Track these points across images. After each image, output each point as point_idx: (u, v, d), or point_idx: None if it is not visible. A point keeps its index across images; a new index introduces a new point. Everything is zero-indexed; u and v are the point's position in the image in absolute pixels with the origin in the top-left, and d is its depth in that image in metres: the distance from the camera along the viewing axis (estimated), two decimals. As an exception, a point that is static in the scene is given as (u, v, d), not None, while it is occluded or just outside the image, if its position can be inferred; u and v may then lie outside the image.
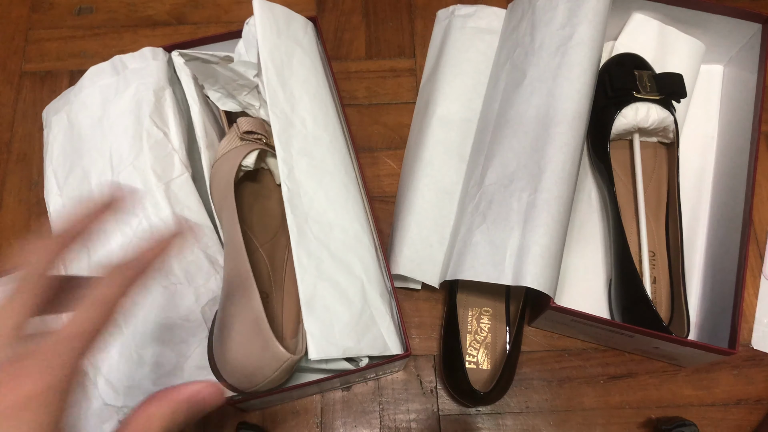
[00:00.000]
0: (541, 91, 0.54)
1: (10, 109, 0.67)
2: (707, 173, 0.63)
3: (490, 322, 0.56)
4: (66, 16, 0.72)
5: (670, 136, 0.59)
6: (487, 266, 0.50)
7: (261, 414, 0.55)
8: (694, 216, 0.61)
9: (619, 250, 0.56)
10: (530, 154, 0.52)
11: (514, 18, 0.62)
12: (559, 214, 0.49)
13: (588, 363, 0.57)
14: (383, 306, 0.49)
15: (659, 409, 0.55)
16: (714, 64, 0.66)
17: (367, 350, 0.47)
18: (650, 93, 0.57)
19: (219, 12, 0.72)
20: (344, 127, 0.56)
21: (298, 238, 0.48)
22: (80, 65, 0.69)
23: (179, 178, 0.52)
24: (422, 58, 0.69)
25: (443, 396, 0.56)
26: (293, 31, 0.55)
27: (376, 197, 0.63)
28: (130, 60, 0.56)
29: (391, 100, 0.68)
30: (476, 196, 0.54)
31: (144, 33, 0.71)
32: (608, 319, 0.51)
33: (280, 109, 0.51)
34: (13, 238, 0.61)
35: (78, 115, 0.54)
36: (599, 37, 0.54)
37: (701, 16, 0.60)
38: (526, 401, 0.56)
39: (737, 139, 0.59)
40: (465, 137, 0.60)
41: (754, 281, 0.60)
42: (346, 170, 0.53)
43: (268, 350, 0.43)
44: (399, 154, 0.65)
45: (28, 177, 0.64)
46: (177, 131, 0.54)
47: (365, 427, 0.55)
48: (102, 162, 0.52)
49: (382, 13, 0.72)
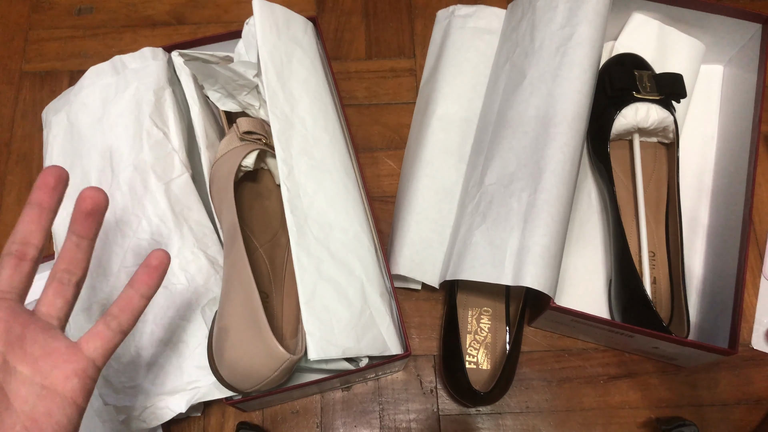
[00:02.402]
0: (541, 91, 0.54)
1: (10, 109, 0.67)
2: (707, 173, 0.63)
3: (490, 322, 0.56)
4: (66, 16, 0.72)
5: (670, 136, 0.59)
6: (487, 266, 0.50)
7: (261, 414, 0.55)
8: (694, 216, 0.61)
9: (619, 250, 0.56)
10: (530, 154, 0.52)
11: (514, 18, 0.62)
12: (559, 214, 0.49)
13: (588, 363, 0.57)
14: (383, 306, 0.49)
15: (659, 409, 0.55)
16: (714, 64, 0.66)
17: (367, 350, 0.47)
18: (650, 93, 0.57)
19: (219, 12, 0.72)
20: (344, 127, 0.56)
21: (298, 238, 0.48)
22: (80, 65, 0.69)
23: (179, 178, 0.52)
24: (422, 58, 0.69)
25: (443, 396, 0.56)
26: (293, 32, 0.55)
27: (376, 197, 0.63)
28: (130, 60, 0.56)
29: (391, 100, 0.68)
30: (476, 196, 0.54)
31: (144, 33, 0.71)
32: (608, 319, 0.51)
33: (280, 110, 0.51)
34: (13, 238, 0.61)
35: (78, 115, 0.54)
36: (599, 37, 0.54)
37: (701, 16, 0.60)
38: (526, 401, 0.56)
39: (737, 139, 0.59)
40: (465, 137, 0.60)
41: (754, 281, 0.60)
42: (346, 170, 0.53)
43: (268, 350, 0.43)
44: (399, 154, 0.65)
45: (28, 177, 0.64)
46: (177, 131, 0.54)
47: (365, 427, 0.55)
48: (102, 162, 0.52)
49: (382, 13, 0.72)
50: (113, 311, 0.34)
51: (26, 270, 0.33)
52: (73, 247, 0.34)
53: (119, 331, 0.34)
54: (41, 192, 0.33)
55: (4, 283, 0.32)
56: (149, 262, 0.35)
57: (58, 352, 0.32)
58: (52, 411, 0.30)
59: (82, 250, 0.34)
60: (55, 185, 0.33)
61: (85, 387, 0.32)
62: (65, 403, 0.31)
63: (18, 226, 0.33)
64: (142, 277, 0.35)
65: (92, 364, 0.33)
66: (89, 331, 0.34)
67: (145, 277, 0.35)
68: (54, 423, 0.30)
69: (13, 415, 0.30)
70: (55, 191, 0.33)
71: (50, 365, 0.31)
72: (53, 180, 0.33)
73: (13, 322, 0.31)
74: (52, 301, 0.33)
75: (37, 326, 0.32)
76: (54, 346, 0.32)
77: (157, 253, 0.35)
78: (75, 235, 0.34)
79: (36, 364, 0.31)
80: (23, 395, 0.30)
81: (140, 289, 0.35)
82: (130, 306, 0.34)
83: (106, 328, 0.34)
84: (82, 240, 0.34)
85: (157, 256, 0.35)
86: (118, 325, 0.34)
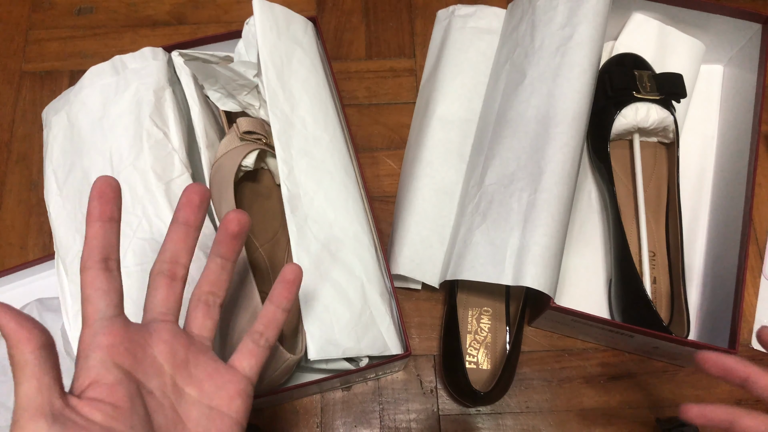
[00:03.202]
0: (541, 91, 0.54)
1: (10, 109, 0.67)
2: (707, 173, 0.63)
3: (490, 322, 0.56)
4: (66, 16, 0.72)
5: (670, 136, 0.59)
6: (487, 266, 0.50)
7: (261, 414, 0.55)
8: (694, 216, 0.61)
9: (619, 250, 0.56)
10: (530, 154, 0.52)
11: (514, 18, 0.62)
12: (559, 214, 0.49)
13: (588, 363, 0.57)
14: (383, 306, 0.50)
15: (659, 409, 0.55)
16: (714, 64, 0.66)
17: (367, 350, 0.47)
18: (650, 93, 0.57)
19: (219, 12, 0.72)
20: (344, 127, 0.56)
21: (298, 238, 0.48)
22: (80, 65, 0.69)
23: (179, 178, 0.52)
24: (422, 58, 0.69)
25: (443, 396, 0.56)
26: (293, 32, 0.55)
27: (376, 197, 0.63)
28: (130, 60, 0.56)
29: (391, 100, 0.68)
30: (476, 196, 0.54)
31: (144, 33, 0.71)
32: (608, 319, 0.51)
33: (280, 110, 0.51)
34: (13, 238, 0.61)
35: (78, 115, 0.54)
36: (599, 37, 0.54)
37: (701, 16, 0.60)
38: (526, 401, 0.56)
39: (737, 139, 0.59)
40: (465, 137, 0.60)
41: (754, 281, 0.60)
42: (346, 170, 0.53)
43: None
44: (399, 154, 0.65)
45: (28, 177, 0.64)
46: (177, 131, 0.54)
47: (365, 427, 0.55)
48: (102, 162, 0.52)
49: (382, 13, 0.72)
50: (258, 328, 0.35)
51: (178, 291, 0.33)
52: (218, 269, 0.34)
53: (267, 346, 0.35)
54: (187, 210, 0.33)
55: (162, 304, 0.32)
56: (285, 277, 0.36)
57: (219, 374, 0.32)
58: (222, 430, 0.31)
59: (226, 272, 0.35)
60: (200, 203, 0.34)
61: (247, 406, 0.33)
62: (232, 423, 0.32)
63: (166, 245, 0.33)
64: (282, 293, 0.36)
65: (249, 382, 0.34)
66: (239, 350, 0.34)
67: (284, 293, 0.36)
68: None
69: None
70: (200, 209, 0.34)
71: (214, 387, 0.32)
72: (198, 198, 0.33)
73: (177, 345, 0.32)
74: (203, 324, 0.34)
75: (197, 348, 0.33)
76: (214, 367, 0.33)
77: (291, 267, 0.36)
78: (219, 258, 0.34)
79: (201, 386, 0.32)
80: (195, 417, 0.31)
81: (281, 304, 0.36)
82: (273, 321, 0.35)
83: (256, 345, 0.35)
84: (226, 262, 0.35)
85: (292, 270, 0.36)
86: (266, 341, 0.35)
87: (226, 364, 0.34)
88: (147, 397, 0.29)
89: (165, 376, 0.31)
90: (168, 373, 0.31)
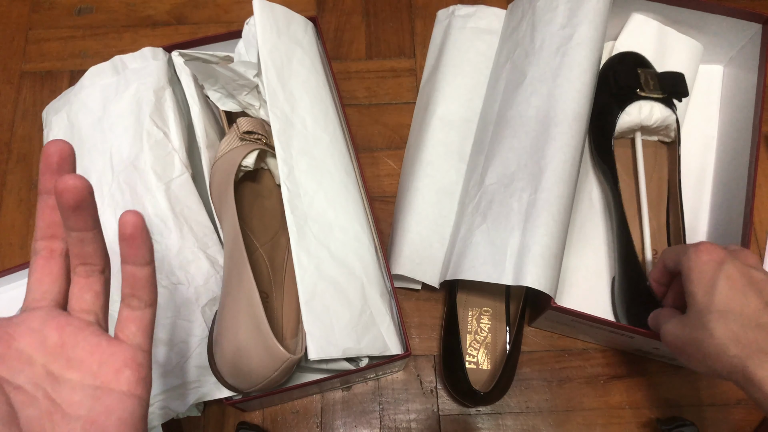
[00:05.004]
0: (542, 92, 0.54)
1: (10, 109, 0.67)
2: (707, 174, 0.63)
3: (490, 322, 0.56)
4: (66, 16, 0.72)
5: (671, 134, 0.59)
6: (488, 266, 0.50)
7: (261, 414, 0.55)
8: (695, 216, 0.61)
9: (623, 249, 0.55)
10: (530, 154, 0.52)
11: (514, 18, 0.62)
12: (559, 214, 0.49)
13: (588, 363, 0.57)
14: (383, 306, 0.49)
15: (659, 409, 0.55)
16: (714, 64, 0.66)
17: (367, 350, 0.47)
18: (653, 91, 0.57)
19: (219, 12, 0.72)
20: (344, 127, 0.56)
21: (298, 238, 0.48)
22: (80, 65, 0.69)
23: (179, 178, 0.52)
24: (422, 58, 0.69)
25: (443, 396, 0.56)
26: (293, 31, 0.55)
27: (376, 197, 0.63)
28: (130, 60, 0.56)
29: (391, 100, 0.68)
30: (476, 196, 0.54)
31: (144, 33, 0.71)
32: (608, 320, 0.51)
33: (280, 110, 0.51)
34: (13, 238, 0.61)
35: (78, 115, 0.54)
36: (599, 38, 0.54)
37: (701, 16, 0.60)
38: (526, 401, 0.56)
39: (737, 139, 0.59)
40: (465, 137, 0.60)
41: (754, 281, 0.60)
42: (346, 170, 0.53)
43: (268, 350, 0.43)
44: (399, 154, 0.65)
45: (28, 177, 0.64)
46: (177, 131, 0.54)
47: (365, 427, 0.55)
48: (102, 162, 0.52)
49: (382, 13, 0.72)
50: (126, 291, 0.32)
51: (55, 269, 0.31)
52: (78, 243, 0.31)
53: (144, 307, 0.32)
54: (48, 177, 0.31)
55: (35, 289, 0.31)
56: (122, 233, 0.31)
57: (101, 349, 0.31)
58: (111, 408, 0.30)
59: (88, 242, 0.31)
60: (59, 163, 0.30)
61: (139, 375, 0.31)
62: (123, 397, 0.30)
63: (37, 223, 0.31)
64: (128, 251, 0.32)
65: (138, 349, 0.32)
66: (118, 320, 0.32)
67: (129, 250, 0.32)
68: (115, 420, 0.29)
69: (70, 422, 0.29)
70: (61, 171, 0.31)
71: (97, 364, 0.30)
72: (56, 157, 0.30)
73: (48, 331, 0.30)
74: (81, 297, 0.31)
75: (75, 327, 0.31)
76: (95, 342, 0.31)
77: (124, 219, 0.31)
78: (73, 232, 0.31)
79: (82, 366, 0.30)
80: (78, 401, 0.29)
81: (135, 261, 0.32)
82: (137, 280, 0.32)
83: (131, 310, 0.32)
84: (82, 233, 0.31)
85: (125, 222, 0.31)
86: (140, 302, 0.32)
87: (111, 337, 0.31)
88: (13, 392, 0.28)
89: (35, 366, 0.29)
90: (39, 362, 0.29)
